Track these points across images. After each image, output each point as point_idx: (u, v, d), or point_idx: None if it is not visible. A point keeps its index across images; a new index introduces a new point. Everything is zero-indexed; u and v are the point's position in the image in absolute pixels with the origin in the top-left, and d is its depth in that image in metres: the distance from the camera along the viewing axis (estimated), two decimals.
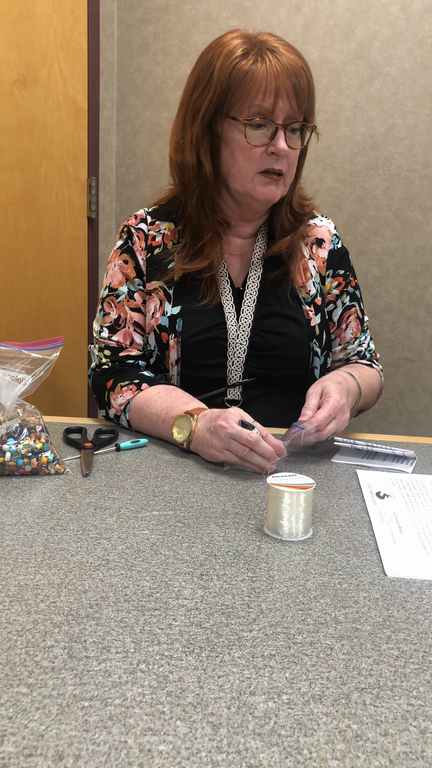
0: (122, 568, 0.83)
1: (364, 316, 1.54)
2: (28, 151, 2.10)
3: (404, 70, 2.46)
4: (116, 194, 2.75)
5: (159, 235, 1.43)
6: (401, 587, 0.82)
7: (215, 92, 1.29)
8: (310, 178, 2.57)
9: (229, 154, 1.33)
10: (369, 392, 1.42)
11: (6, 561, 0.84)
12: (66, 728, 0.57)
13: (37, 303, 2.22)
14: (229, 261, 1.44)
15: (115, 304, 1.42)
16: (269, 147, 1.29)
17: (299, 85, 1.27)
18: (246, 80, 1.26)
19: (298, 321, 1.41)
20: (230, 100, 1.29)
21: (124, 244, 1.44)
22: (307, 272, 1.44)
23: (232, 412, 1.14)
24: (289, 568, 0.85)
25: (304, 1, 2.46)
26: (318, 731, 0.58)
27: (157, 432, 1.28)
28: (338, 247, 1.50)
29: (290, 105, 1.27)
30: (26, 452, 1.09)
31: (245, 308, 1.40)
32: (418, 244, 2.58)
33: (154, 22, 2.58)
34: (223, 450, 1.13)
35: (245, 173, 1.33)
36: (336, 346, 1.51)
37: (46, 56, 2.11)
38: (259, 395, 1.41)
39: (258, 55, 1.26)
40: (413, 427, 2.71)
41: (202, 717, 0.59)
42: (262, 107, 1.27)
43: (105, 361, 1.41)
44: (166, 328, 1.39)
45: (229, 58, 1.27)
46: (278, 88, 1.25)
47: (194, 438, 1.18)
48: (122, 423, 1.35)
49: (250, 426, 1.12)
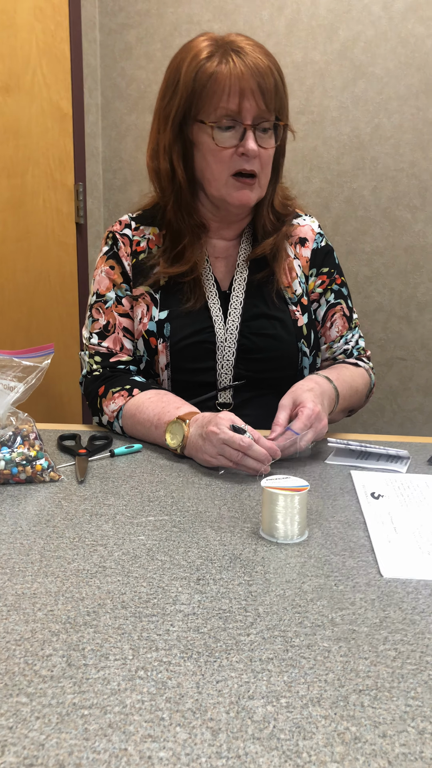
0: (119, 574, 0.83)
1: (353, 314, 1.52)
2: (13, 158, 2.10)
3: (388, 70, 2.47)
4: (104, 199, 2.75)
5: (144, 240, 1.44)
6: (397, 588, 0.82)
7: (182, 97, 1.30)
8: (297, 180, 2.58)
9: (201, 158, 1.34)
10: (351, 393, 1.39)
11: (2, 570, 0.84)
12: (66, 737, 0.57)
13: (28, 310, 2.22)
14: (214, 264, 1.44)
15: (103, 310, 1.43)
16: (239, 148, 1.29)
17: (265, 85, 1.26)
18: (210, 83, 1.26)
19: (284, 322, 1.41)
20: (197, 104, 1.29)
21: (109, 250, 1.45)
22: (293, 272, 1.44)
23: (222, 417, 1.14)
24: (285, 571, 0.85)
25: (286, 3, 2.47)
26: (317, 734, 0.58)
27: (151, 438, 1.28)
28: (322, 245, 1.50)
29: (257, 105, 1.27)
30: (20, 460, 1.09)
31: (232, 311, 1.40)
32: (407, 243, 2.59)
33: (136, 27, 2.59)
34: (216, 456, 1.13)
35: (218, 176, 1.33)
36: (322, 345, 1.51)
37: (28, 63, 2.11)
38: (250, 397, 1.42)
39: (223, 56, 1.26)
40: (407, 426, 2.72)
41: (201, 722, 0.59)
42: (229, 109, 1.27)
43: (96, 368, 1.41)
44: (154, 333, 1.39)
45: (194, 61, 1.28)
46: (243, 88, 1.25)
47: (187, 443, 1.18)
48: (116, 429, 1.36)
49: (241, 430, 1.12)
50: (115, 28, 2.60)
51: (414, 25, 2.42)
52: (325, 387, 1.29)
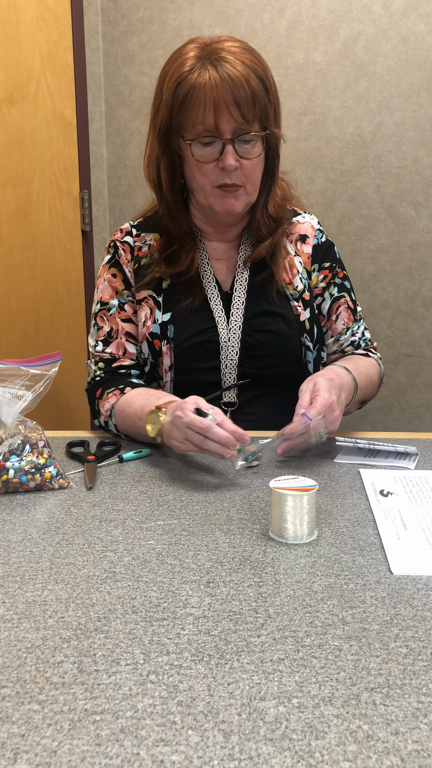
0: (129, 579, 0.83)
1: (357, 306, 1.53)
2: (19, 168, 2.11)
3: (389, 68, 2.47)
4: (109, 206, 2.76)
5: (145, 245, 1.45)
6: (407, 584, 0.82)
7: (163, 113, 1.31)
8: (301, 180, 2.58)
9: (188, 169, 1.35)
10: (367, 383, 1.41)
11: (13, 578, 0.84)
12: (78, 743, 0.57)
13: (35, 319, 2.23)
14: (215, 266, 1.45)
15: (107, 317, 1.44)
16: (219, 162, 1.29)
17: (241, 96, 1.24)
18: (187, 99, 1.26)
19: (287, 318, 1.42)
20: (177, 120, 1.29)
21: (111, 259, 1.47)
22: (293, 269, 1.45)
23: (188, 401, 1.14)
24: (295, 571, 0.85)
25: (286, 5, 2.47)
26: (329, 733, 0.58)
27: (137, 431, 1.29)
28: (322, 241, 1.50)
29: (234, 119, 1.26)
30: (29, 468, 1.09)
31: (234, 310, 1.41)
32: (412, 240, 2.58)
33: (138, 34, 2.59)
34: (183, 440, 1.13)
35: (203, 188, 1.34)
36: (329, 339, 1.51)
37: (32, 73, 2.12)
38: (255, 396, 1.42)
39: (201, 69, 1.25)
40: (416, 423, 2.71)
41: (213, 725, 0.59)
42: (206, 124, 1.26)
43: (99, 374, 1.43)
44: (158, 335, 1.40)
45: (175, 74, 1.28)
46: (217, 102, 1.24)
47: (163, 431, 1.19)
48: (111, 429, 1.37)
49: (203, 413, 1.11)
50: (118, 36, 2.61)
51: (414, 22, 2.42)
52: (345, 379, 1.29)
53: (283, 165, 1.44)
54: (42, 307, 2.25)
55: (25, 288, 2.17)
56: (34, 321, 2.22)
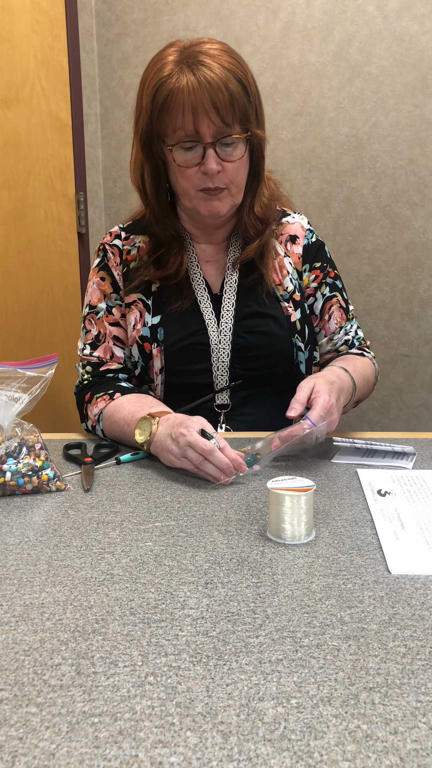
0: (127, 581, 0.83)
1: (349, 305, 1.53)
2: (14, 170, 2.11)
3: (384, 69, 2.47)
4: (105, 208, 2.76)
5: (134, 248, 1.45)
6: (405, 584, 0.82)
7: (144, 120, 1.30)
8: (296, 181, 2.58)
9: (172, 174, 1.35)
10: (364, 384, 1.41)
11: (11, 581, 0.84)
12: (77, 745, 0.57)
13: (32, 321, 2.23)
14: (204, 268, 1.45)
15: (95, 321, 1.45)
16: (201, 167, 1.29)
17: (219, 100, 1.23)
18: (166, 106, 1.25)
19: (277, 318, 1.41)
20: (158, 126, 1.29)
21: (100, 262, 1.47)
22: (283, 269, 1.45)
23: (194, 420, 1.14)
24: (293, 572, 0.85)
25: (281, 6, 2.48)
26: (328, 733, 0.58)
27: (124, 437, 1.29)
28: (312, 241, 1.50)
29: (213, 123, 1.25)
30: (26, 471, 1.09)
31: (224, 312, 1.41)
32: (408, 239, 2.58)
33: (133, 36, 2.60)
34: (180, 457, 1.13)
35: (188, 192, 1.33)
36: (322, 338, 1.51)
37: (27, 75, 2.12)
38: (247, 396, 1.42)
39: (179, 74, 1.24)
40: (413, 423, 2.71)
41: (211, 726, 0.59)
42: (186, 129, 1.26)
43: (87, 377, 1.43)
44: (148, 338, 1.40)
45: (154, 79, 1.27)
46: (195, 107, 1.24)
47: (154, 440, 1.19)
48: (98, 433, 1.37)
49: (209, 436, 1.12)
50: (113, 38, 2.62)
51: (408, 23, 2.42)
52: (345, 381, 1.29)
53: (279, 166, 1.44)
54: (38, 309, 2.25)
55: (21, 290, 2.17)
56: (30, 323, 2.22)
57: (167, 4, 2.54)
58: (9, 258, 2.12)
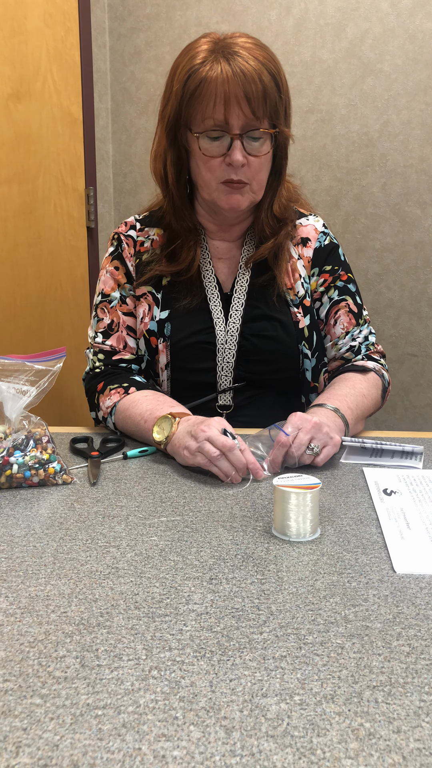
0: (132, 575, 0.83)
1: (362, 310, 1.48)
2: (25, 164, 2.11)
3: (396, 66, 2.46)
4: (114, 203, 2.76)
5: (148, 240, 1.44)
6: (410, 583, 0.82)
7: (173, 105, 1.29)
8: (306, 178, 2.57)
9: (194, 163, 1.34)
10: (364, 408, 1.35)
11: (16, 573, 0.84)
12: (80, 737, 0.57)
13: (40, 315, 2.23)
14: (216, 265, 1.44)
15: (108, 310, 1.44)
16: (226, 158, 1.28)
17: (252, 91, 1.23)
18: (198, 91, 1.25)
19: (285, 324, 1.40)
20: (186, 112, 1.28)
21: (114, 251, 1.46)
22: (296, 273, 1.43)
23: (216, 420, 1.15)
24: (297, 569, 0.85)
25: (294, 2, 2.47)
26: (331, 731, 0.58)
27: (138, 432, 1.28)
28: (325, 244, 1.46)
29: (244, 114, 1.24)
30: (33, 464, 1.09)
31: (233, 312, 1.40)
32: (417, 239, 2.57)
33: (145, 30, 2.59)
34: (195, 452, 1.12)
35: (209, 183, 1.32)
36: (327, 343, 1.47)
37: (39, 69, 2.12)
38: (250, 397, 1.42)
39: (213, 62, 1.24)
40: (419, 422, 2.70)
41: (215, 721, 0.59)
42: (215, 118, 1.25)
43: (98, 365, 1.42)
44: (155, 333, 1.40)
45: (186, 66, 1.27)
46: (228, 97, 1.23)
47: (172, 439, 1.19)
48: (109, 426, 1.37)
49: (230, 435, 1.12)
50: (125, 33, 2.61)
51: (422, 20, 2.41)
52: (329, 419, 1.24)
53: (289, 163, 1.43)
54: (47, 303, 2.26)
55: (30, 284, 2.18)
56: (38, 317, 2.23)
57: None
58: (18, 251, 2.12)
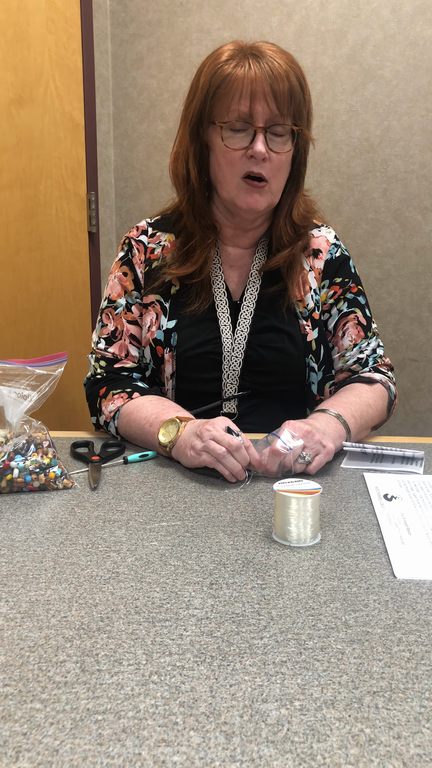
0: (132, 580, 0.83)
1: (371, 323, 1.48)
2: (27, 169, 2.12)
3: (397, 73, 2.47)
4: (116, 208, 2.76)
5: (159, 247, 1.44)
6: (411, 589, 0.82)
7: (199, 99, 1.31)
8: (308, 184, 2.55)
9: (214, 160, 1.34)
10: (369, 417, 1.35)
11: (17, 577, 0.84)
12: (80, 742, 0.57)
13: (41, 320, 2.23)
14: (227, 273, 1.43)
15: (113, 316, 1.43)
16: (248, 150, 1.28)
17: (279, 88, 1.25)
18: (224, 84, 1.26)
19: (293, 336, 1.40)
20: (211, 105, 1.30)
21: (124, 256, 1.45)
22: (306, 285, 1.42)
23: (221, 419, 1.15)
24: (298, 574, 0.85)
25: (295, 9, 2.48)
26: (331, 736, 0.58)
27: (142, 436, 1.28)
28: (336, 256, 1.46)
29: (269, 108, 1.26)
30: (34, 468, 1.10)
31: (242, 321, 1.39)
32: (418, 244, 2.58)
33: (147, 36, 2.60)
34: (200, 451, 1.13)
35: (229, 179, 1.32)
36: (335, 355, 1.47)
37: (41, 75, 2.13)
38: (254, 405, 1.42)
39: (241, 59, 1.26)
40: (420, 427, 2.70)
41: (215, 726, 0.59)
42: (240, 111, 1.26)
43: (100, 372, 1.42)
44: (161, 342, 1.40)
45: (212, 64, 1.29)
46: (254, 91, 1.25)
47: (177, 442, 1.19)
48: (110, 430, 1.37)
49: (235, 434, 1.13)
50: (127, 39, 2.62)
51: (423, 27, 2.42)
52: (330, 427, 1.24)
53: None
54: (48, 308, 2.26)
55: (31, 288, 2.18)
56: (40, 321, 2.23)
57: (182, 5, 2.55)
58: (20, 256, 2.12)
